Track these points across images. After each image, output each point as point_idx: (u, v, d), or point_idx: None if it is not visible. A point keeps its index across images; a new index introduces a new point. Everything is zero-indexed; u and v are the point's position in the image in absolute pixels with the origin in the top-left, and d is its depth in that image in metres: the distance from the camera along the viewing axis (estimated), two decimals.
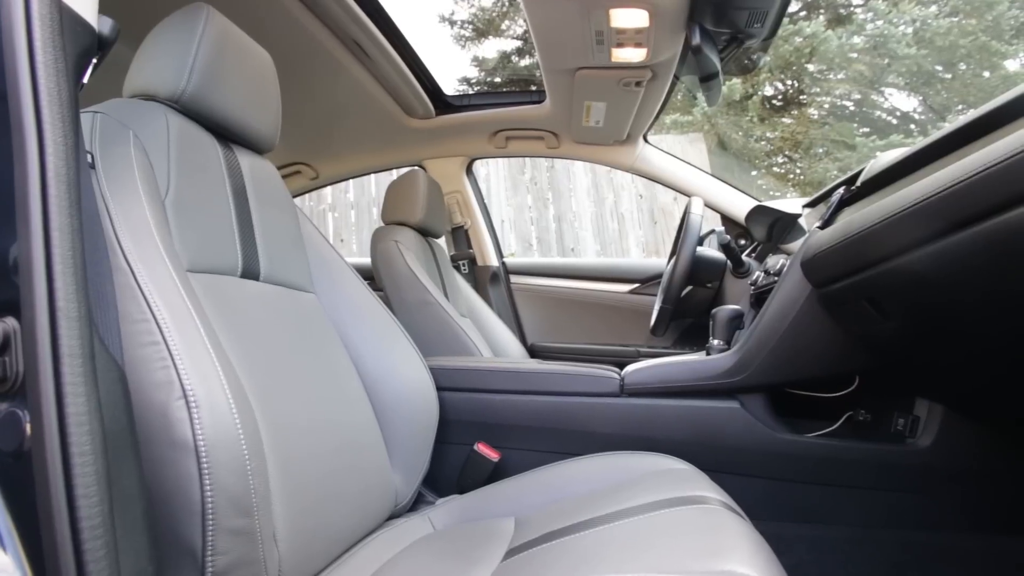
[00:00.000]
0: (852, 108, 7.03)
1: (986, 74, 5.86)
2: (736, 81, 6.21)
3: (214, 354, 0.57)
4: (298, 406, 0.75)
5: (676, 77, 1.49)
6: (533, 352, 1.97)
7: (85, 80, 0.49)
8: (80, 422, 0.36)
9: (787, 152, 6.96)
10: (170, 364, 0.52)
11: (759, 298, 1.15)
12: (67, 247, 0.38)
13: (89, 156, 0.63)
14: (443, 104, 1.82)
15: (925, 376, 0.92)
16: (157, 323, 0.53)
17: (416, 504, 0.99)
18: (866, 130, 6.51)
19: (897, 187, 0.75)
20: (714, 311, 1.11)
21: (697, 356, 1.06)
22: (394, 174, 1.79)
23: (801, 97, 7.02)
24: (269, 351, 0.76)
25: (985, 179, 0.53)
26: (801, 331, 0.93)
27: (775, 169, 7.15)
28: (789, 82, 7.01)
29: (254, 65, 0.88)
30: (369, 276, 1.43)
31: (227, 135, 0.87)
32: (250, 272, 0.83)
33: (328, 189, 4.39)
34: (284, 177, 2.07)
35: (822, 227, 0.92)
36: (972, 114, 0.67)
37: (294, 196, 2.14)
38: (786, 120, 6.90)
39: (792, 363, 0.95)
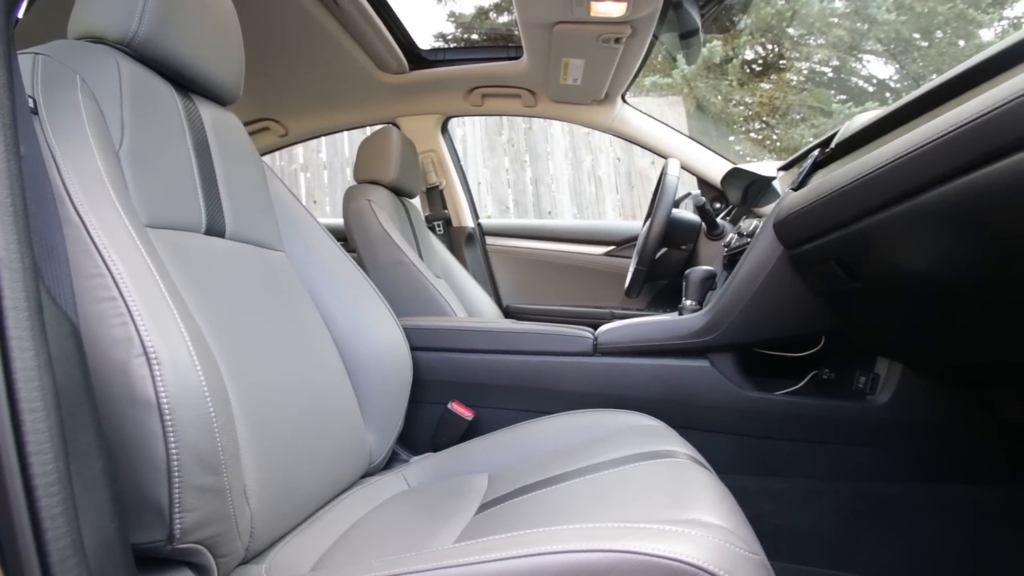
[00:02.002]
0: (831, 74, 7.02)
1: (961, 43, 5.89)
2: (717, 43, 6.14)
3: (176, 310, 0.55)
4: (267, 365, 0.74)
5: (655, 37, 1.45)
6: (508, 314, 1.98)
7: (20, 15, 0.45)
8: (29, 377, 0.35)
9: (765, 118, 6.96)
10: (128, 320, 0.50)
11: (732, 259, 1.16)
12: (4, 194, 0.35)
13: (31, 101, 0.58)
14: (417, 59, 1.76)
15: (886, 336, 0.94)
16: (113, 278, 0.51)
17: (390, 462, 0.99)
18: (843, 97, 6.54)
19: (870, 148, 0.76)
20: (687, 272, 1.12)
21: (670, 316, 1.07)
22: (368, 132, 1.74)
23: (781, 62, 6.98)
24: (236, 309, 0.74)
25: (954, 139, 0.54)
26: (771, 292, 0.95)
27: (752, 135, 7.16)
28: (769, 46, 6.95)
29: (213, 8, 0.83)
30: (342, 237, 1.40)
31: (186, 84, 0.83)
32: (215, 229, 0.80)
33: (299, 149, 4.25)
34: (252, 134, 2.00)
35: (795, 189, 0.93)
36: (944, 76, 0.67)
37: (263, 154, 2.07)
38: (765, 85, 6.87)
39: (762, 323, 0.97)
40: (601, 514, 0.54)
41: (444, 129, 2.02)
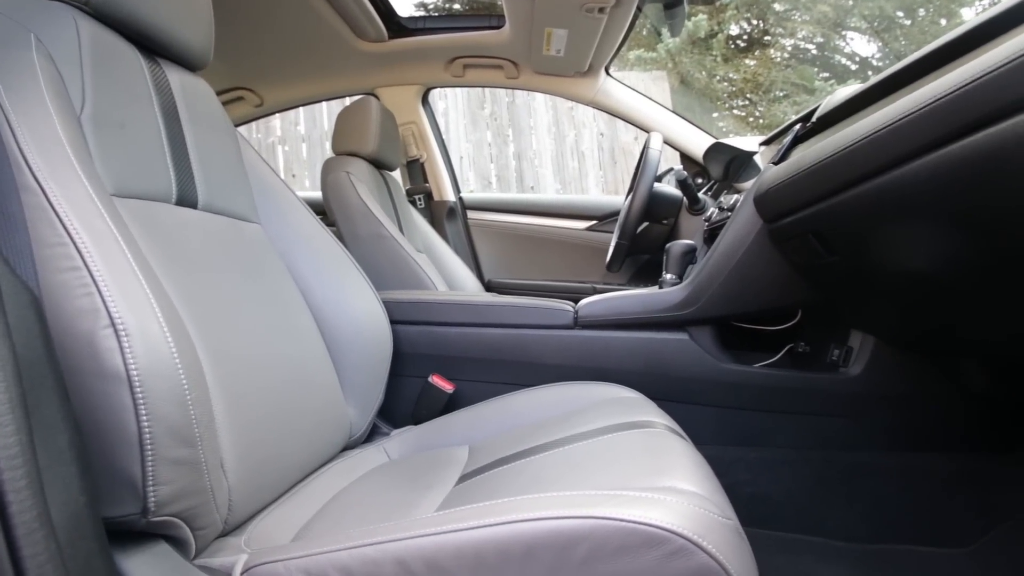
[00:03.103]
0: (814, 51, 7.02)
1: (943, 22, 5.91)
2: (702, 17, 6.08)
3: (144, 281, 0.53)
4: (243, 338, 0.73)
5: (639, 8, 1.43)
6: (490, 288, 1.97)
7: None
8: None
9: (748, 94, 6.95)
10: (94, 291, 0.49)
11: (712, 234, 1.17)
12: None
13: None
14: (396, 27, 1.71)
15: (860, 309, 0.96)
16: (76, 247, 0.49)
17: (371, 435, 0.99)
18: (826, 75, 6.54)
19: (850, 122, 0.76)
20: (668, 245, 1.13)
21: (650, 290, 1.08)
22: (347, 104, 1.69)
23: (765, 38, 6.95)
24: (210, 282, 0.73)
25: (930, 113, 0.54)
26: (750, 265, 0.95)
27: (736, 112, 7.16)
28: (755, 21, 6.90)
29: None
30: (321, 211, 1.37)
31: (151, 47, 0.79)
32: (186, 199, 0.78)
33: (277, 121, 4.14)
34: (225, 104, 1.93)
35: (776, 163, 0.93)
36: (923, 50, 0.67)
37: (237, 125, 2.00)
38: (749, 61, 6.85)
39: (740, 297, 0.98)
40: (579, 482, 0.55)
41: (425, 100, 1.98)
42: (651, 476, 0.53)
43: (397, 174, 1.92)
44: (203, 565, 0.57)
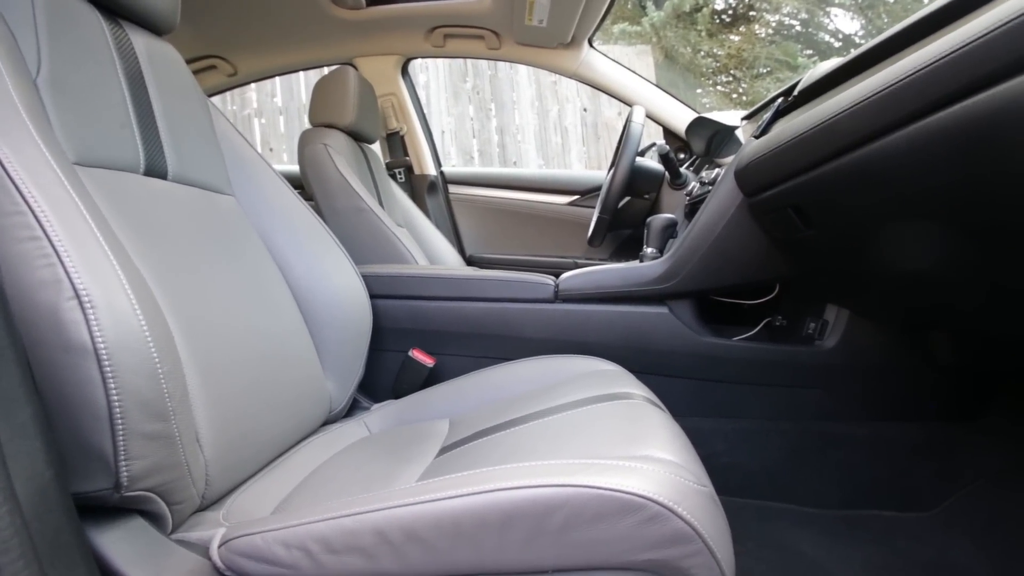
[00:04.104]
0: (799, 28, 6.99)
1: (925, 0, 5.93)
2: None
3: (110, 252, 0.51)
4: (218, 311, 0.71)
5: None
6: (471, 263, 1.96)
7: None
8: None
9: (732, 70, 6.92)
10: (56, 261, 0.47)
11: (693, 208, 1.17)
12: None
13: None
14: None
15: (836, 284, 0.98)
16: (35, 216, 0.47)
17: (351, 410, 0.99)
18: (810, 51, 6.53)
19: (831, 95, 0.76)
20: (649, 219, 1.13)
21: (630, 264, 1.08)
22: (325, 73, 1.64)
23: (751, 12, 6.89)
24: (182, 254, 0.71)
25: (909, 85, 0.54)
26: (730, 239, 0.96)
27: (719, 88, 7.13)
28: None
29: None
30: (299, 185, 1.34)
31: (113, 7, 0.75)
32: (155, 170, 0.75)
33: (253, 93, 4.02)
34: (197, 73, 1.86)
35: (757, 137, 0.93)
36: (903, 23, 0.67)
37: (210, 95, 1.94)
38: (734, 37, 6.80)
39: (720, 271, 0.99)
40: (557, 452, 0.55)
41: (405, 72, 1.93)
42: (628, 445, 0.54)
43: (377, 147, 1.88)
44: (180, 539, 0.56)
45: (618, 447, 0.54)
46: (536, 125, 4.33)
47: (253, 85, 3.99)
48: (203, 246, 0.76)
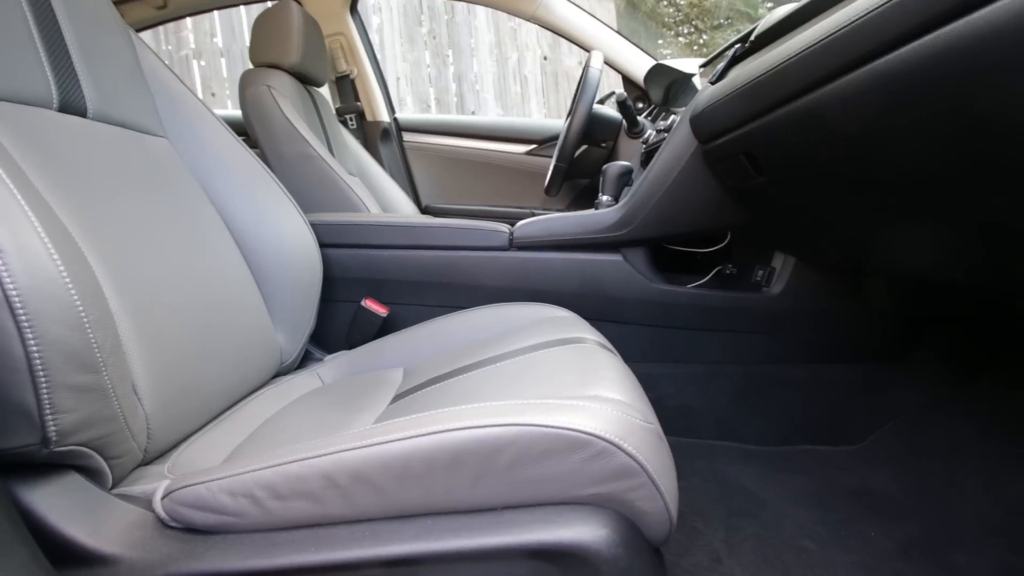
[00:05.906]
0: None
1: None
2: None
3: (19, 193, 0.47)
4: (153, 258, 0.67)
5: None
6: (427, 213, 1.92)
7: None
8: None
9: (694, 20, 6.84)
10: None
11: (649, 155, 1.16)
12: None
13: None
14: None
15: (783, 232, 1.00)
16: None
17: (304, 361, 0.97)
18: (771, 4, 6.50)
19: (785, 40, 0.75)
20: (605, 167, 1.12)
21: (586, 212, 1.08)
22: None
23: None
24: (108, 199, 0.66)
25: (861, 26, 0.53)
26: (684, 187, 0.96)
27: (681, 39, 7.05)
28: None
29: None
30: (242, 132, 1.26)
31: None
32: (72, 106, 0.69)
33: (190, 33, 3.72)
34: (119, 4, 1.70)
35: (713, 83, 0.92)
36: None
37: (138, 30, 1.78)
38: None
39: (673, 218, 1.00)
40: (508, 395, 0.56)
41: (354, 10, 1.82)
42: (577, 387, 0.54)
43: (326, 91, 1.79)
44: (122, 494, 0.55)
45: (568, 388, 0.54)
46: (495, 73, 4.20)
47: (189, 23, 3.70)
48: (132, 190, 0.71)
